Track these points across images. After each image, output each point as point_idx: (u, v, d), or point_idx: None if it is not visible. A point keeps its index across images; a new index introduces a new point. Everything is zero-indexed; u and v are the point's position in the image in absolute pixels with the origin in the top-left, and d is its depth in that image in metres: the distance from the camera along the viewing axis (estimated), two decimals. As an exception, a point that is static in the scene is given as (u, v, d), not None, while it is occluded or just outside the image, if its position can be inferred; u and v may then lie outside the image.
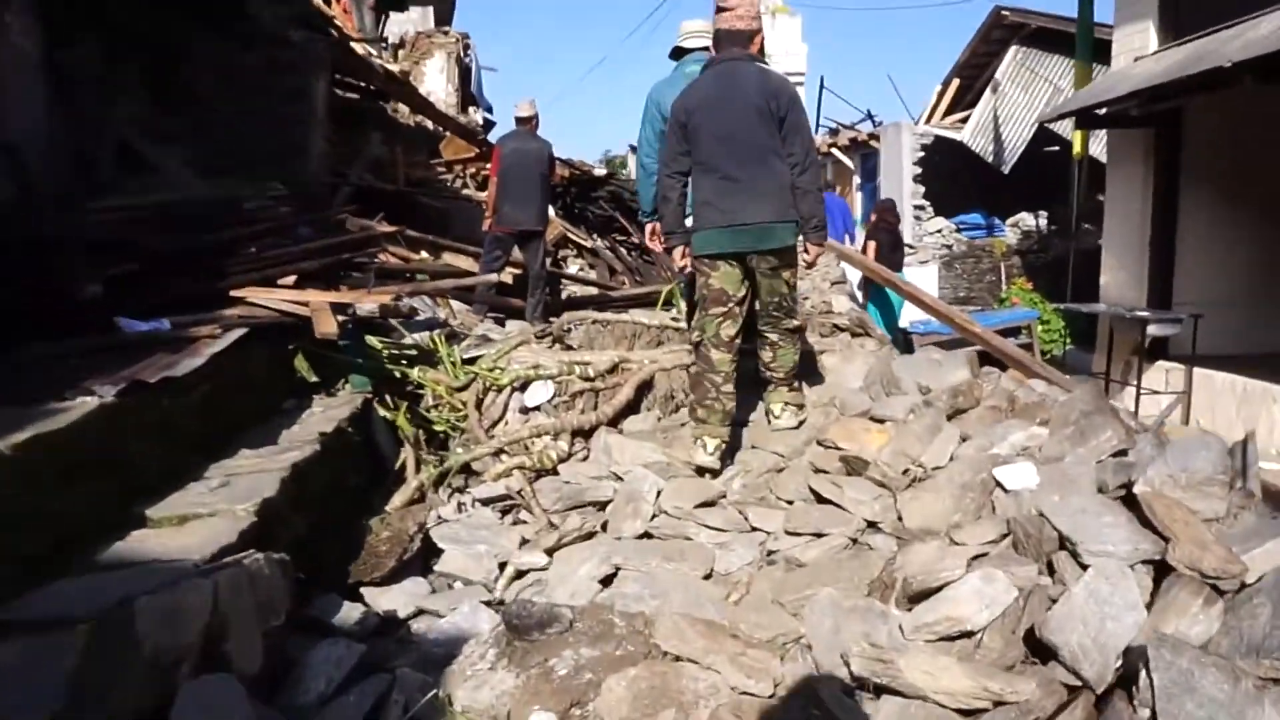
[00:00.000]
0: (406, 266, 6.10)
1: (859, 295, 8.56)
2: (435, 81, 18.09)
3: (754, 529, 2.91)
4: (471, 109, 19.58)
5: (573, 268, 12.29)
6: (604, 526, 3.31)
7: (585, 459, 4.18)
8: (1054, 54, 14.05)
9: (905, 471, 2.89)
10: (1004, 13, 13.85)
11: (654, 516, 3.22)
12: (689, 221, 3.70)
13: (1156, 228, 8.13)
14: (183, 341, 3.79)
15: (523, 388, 4.66)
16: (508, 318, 7.99)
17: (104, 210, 4.62)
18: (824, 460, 3.23)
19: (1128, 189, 8.48)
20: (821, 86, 20.68)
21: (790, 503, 3.03)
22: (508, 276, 8.05)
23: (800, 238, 3.66)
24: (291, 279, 4.57)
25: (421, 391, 4.86)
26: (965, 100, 15.95)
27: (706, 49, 4.24)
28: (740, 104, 3.47)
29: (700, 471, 3.55)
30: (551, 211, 12.65)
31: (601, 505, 3.66)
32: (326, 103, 7.81)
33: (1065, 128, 14.10)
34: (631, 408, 4.55)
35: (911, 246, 14.38)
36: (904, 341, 8.99)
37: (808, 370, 4.93)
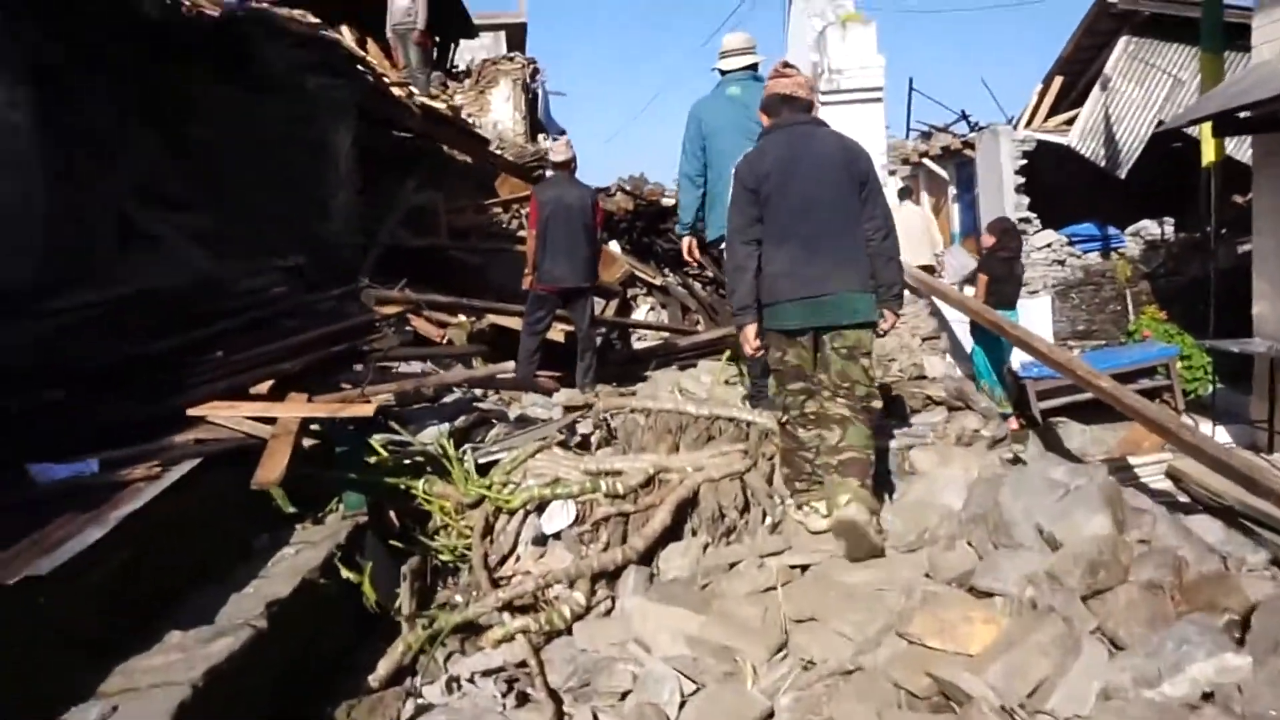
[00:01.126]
0: (429, 349, 5.38)
1: (958, 338, 7.43)
2: (502, 110, 17.64)
3: (806, 802, 2.02)
4: (541, 136, 19.08)
5: (642, 308, 11.51)
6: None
7: (609, 612, 3.34)
8: (1171, 42, 12.54)
9: (1030, 728, 1.94)
10: (1111, 1, 12.42)
11: (671, 752, 2.35)
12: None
13: (1322, 248, 6.78)
14: (110, 488, 3.14)
15: (539, 509, 3.85)
16: (560, 384, 7.26)
17: (52, 313, 4.04)
18: (906, 669, 2.30)
19: (1282, 202, 7.15)
20: (910, 88, 19.43)
21: (859, 755, 2.10)
22: (559, 335, 7.31)
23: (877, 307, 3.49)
24: (266, 385, 3.89)
25: (430, 509, 4.11)
26: (1069, 99, 14.50)
27: (748, 68, 4.56)
28: (821, 167, 3.35)
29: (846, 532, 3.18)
30: (617, 247, 11.94)
31: (620, 695, 2.82)
32: (353, 154, 7.23)
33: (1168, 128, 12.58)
34: (672, 531, 3.69)
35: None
36: (1015, 387, 7.81)
37: (890, 470, 3.99)
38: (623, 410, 4.64)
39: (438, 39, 19.30)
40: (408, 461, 4.33)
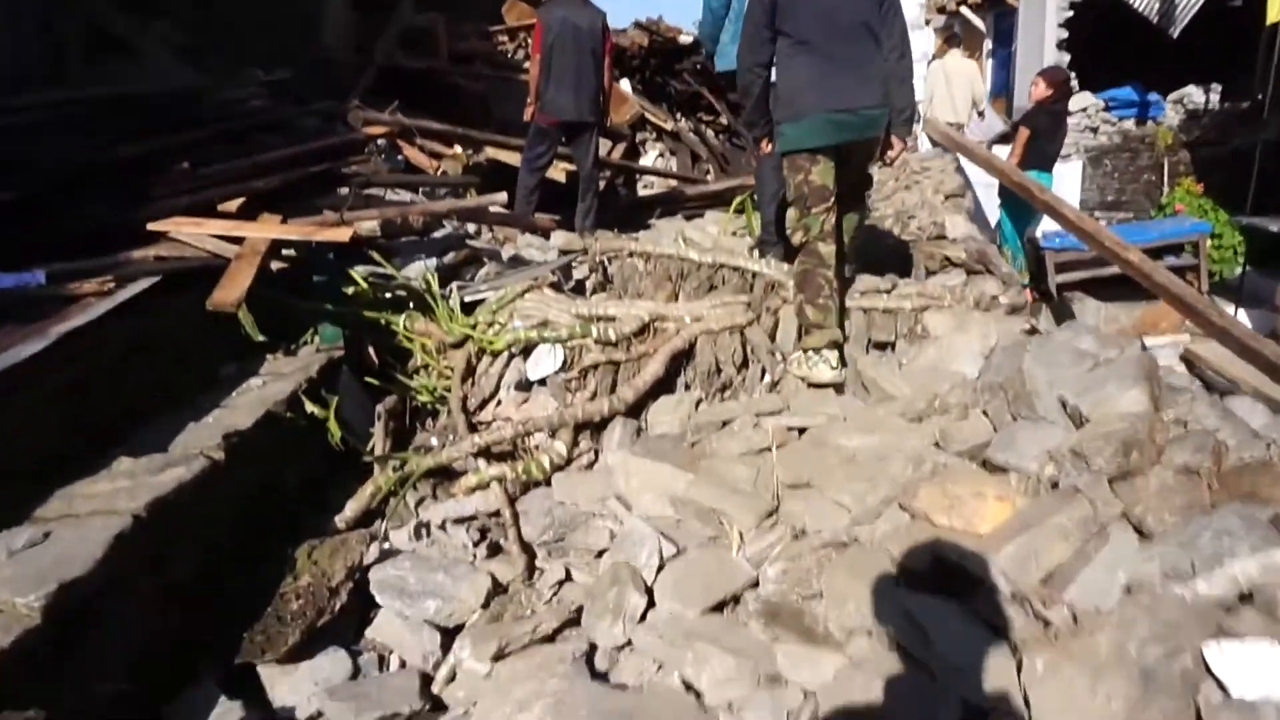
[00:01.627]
0: (418, 178, 5.00)
1: (981, 201, 6.99)
2: (516, -70, 16.36)
3: (786, 680, 1.85)
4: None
5: (651, 153, 10.94)
6: (579, 614, 2.30)
7: (591, 465, 3.15)
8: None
9: (1043, 620, 1.74)
10: None
11: (644, 614, 2.18)
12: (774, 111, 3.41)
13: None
14: (57, 302, 2.89)
15: (525, 352, 3.61)
16: (559, 226, 6.89)
17: (16, 110, 3.67)
18: (907, 545, 2.10)
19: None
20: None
21: (849, 635, 1.92)
22: (559, 174, 6.90)
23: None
24: (236, 203, 3.57)
25: (411, 347, 3.88)
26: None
27: None
28: None
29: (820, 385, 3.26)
30: (628, 86, 11.24)
31: (596, 553, 2.66)
32: None
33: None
34: (663, 384, 3.47)
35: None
36: (1033, 257, 7.45)
37: (901, 333, 3.74)
38: (621, 254, 4.33)
39: None
40: (389, 296, 4.08)
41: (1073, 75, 12.48)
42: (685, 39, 11.72)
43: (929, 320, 3.76)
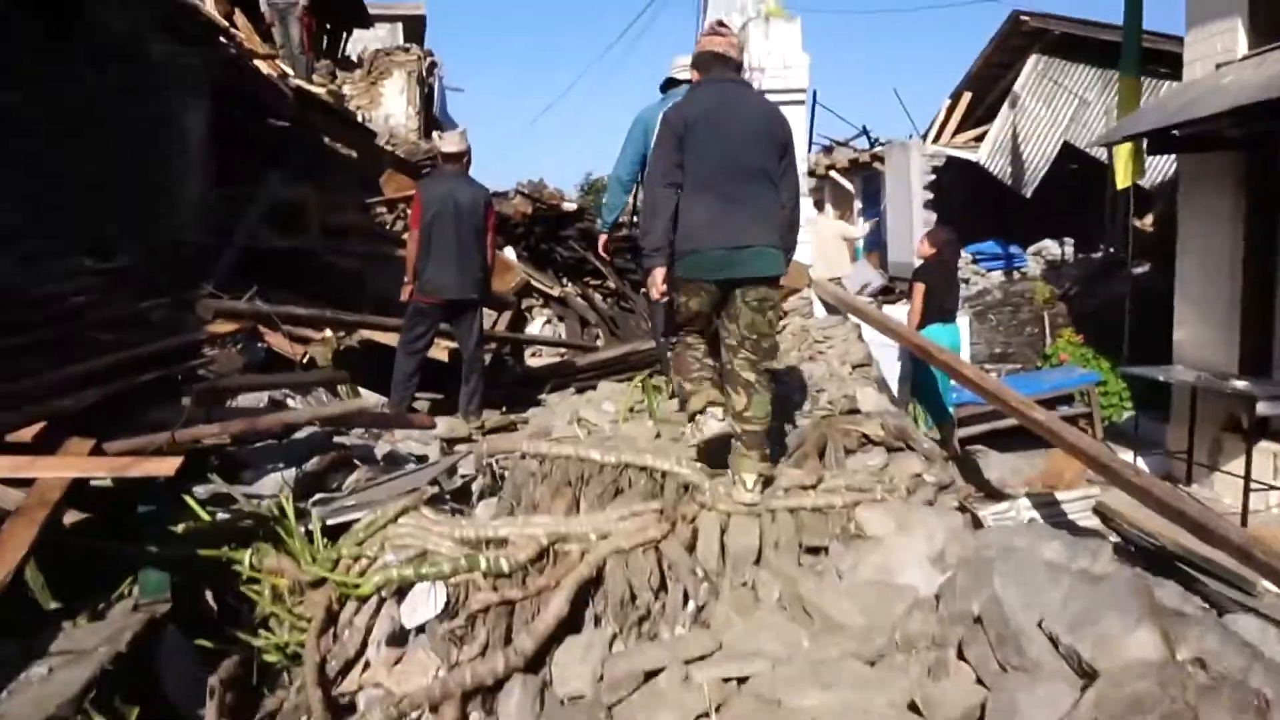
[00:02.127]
0: (276, 377, 4.41)
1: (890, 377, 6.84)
2: (395, 103, 16.51)
3: None
4: (435, 134, 17.93)
5: (538, 321, 10.65)
6: None
7: (485, 746, 2.51)
8: (1079, 63, 12.53)
9: None
10: (1023, 18, 12.32)
11: None
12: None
13: (1250, 274, 6.52)
14: None
15: (399, 593, 2.98)
16: (441, 408, 6.35)
17: None
18: None
19: (1211, 226, 6.88)
20: (814, 102, 19.15)
21: None
22: (442, 353, 6.42)
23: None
24: (33, 430, 2.90)
25: (257, 590, 3.18)
26: (975, 116, 14.42)
27: (687, 82, 4.16)
28: (745, 123, 3.39)
29: (714, 442, 3.49)
30: (512, 254, 11.05)
31: None
32: (207, 138, 6.16)
33: (1094, 145, 12.58)
34: (569, 622, 2.89)
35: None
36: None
37: (832, 532, 3.32)
38: (511, 454, 3.80)
39: (328, 25, 18.03)
40: (242, 523, 3.40)
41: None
42: (569, 206, 11.74)
43: (863, 517, 3.36)
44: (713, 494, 3.38)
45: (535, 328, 10.50)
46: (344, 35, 18.76)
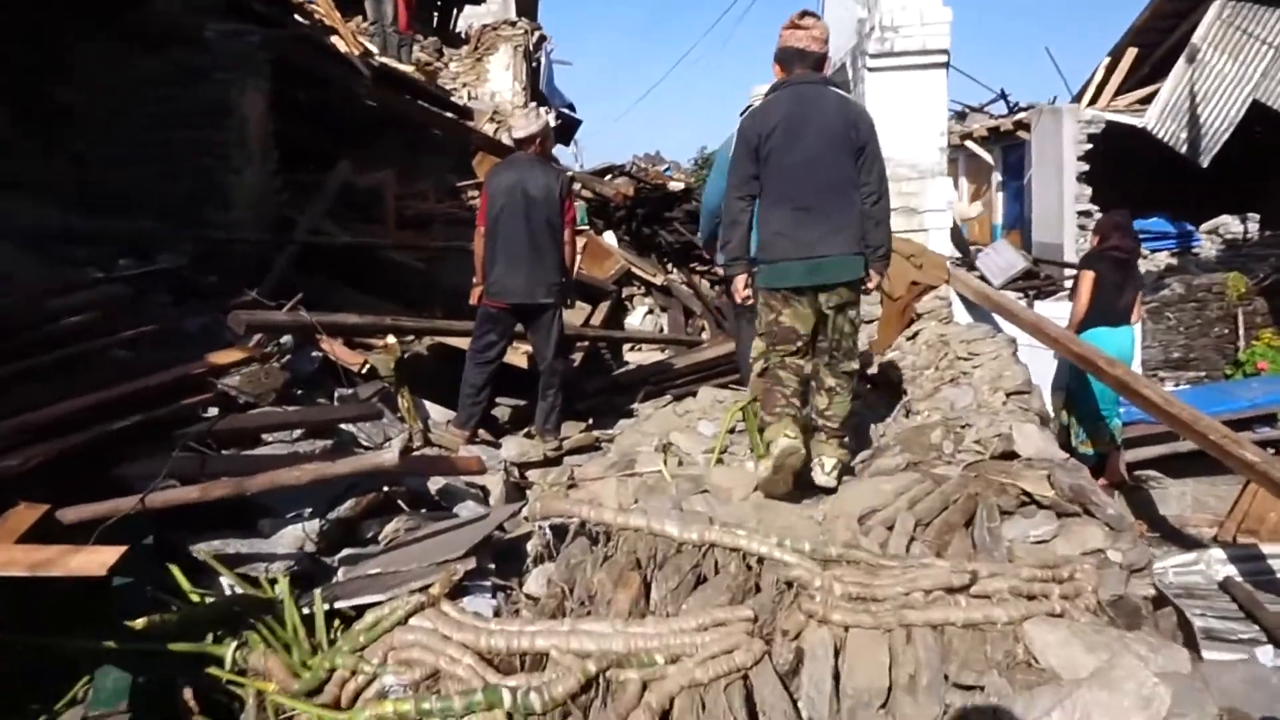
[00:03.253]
0: (294, 421, 3.75)
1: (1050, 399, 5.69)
2: (501, 80, 15.96)
3: None
4: (544, 109, 17.33)
5: (639, 311, 9.86)
6: None
7: None
8: (1276, 6, 10.68)
9: None
10: (1205, -42, 10.56)
11: None
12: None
13: None
14: None
15: (400, 731, 2.26)
16: (513, 425, 5.66)
17: None
18: None
19: None
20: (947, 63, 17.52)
21: None
22: (521, 359, 5.72)
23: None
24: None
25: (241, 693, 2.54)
26: (1137, 76, 12.65)
27: None
28: (821, 130, 3.37)
29: (786, 462, 3.33)
30: (612, 239, 10.29)
31: None
32: (268, 122, 5.61)
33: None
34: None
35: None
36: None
37: (993, 659, 2.40)
38: (569, 519, 3.02)
39: (438, 1, 17.68)
40: (230, 609, 2.76)
41: (1094, 209, 11.58)
42: (675, 185, 10.88)
43: (1035, 639, 2.42)
44: (824, 597, 2.51)
45: (636, 318, 9.73)
46: (455, 11, 18.38)
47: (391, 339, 5.25)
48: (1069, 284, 11.23)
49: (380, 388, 5.25)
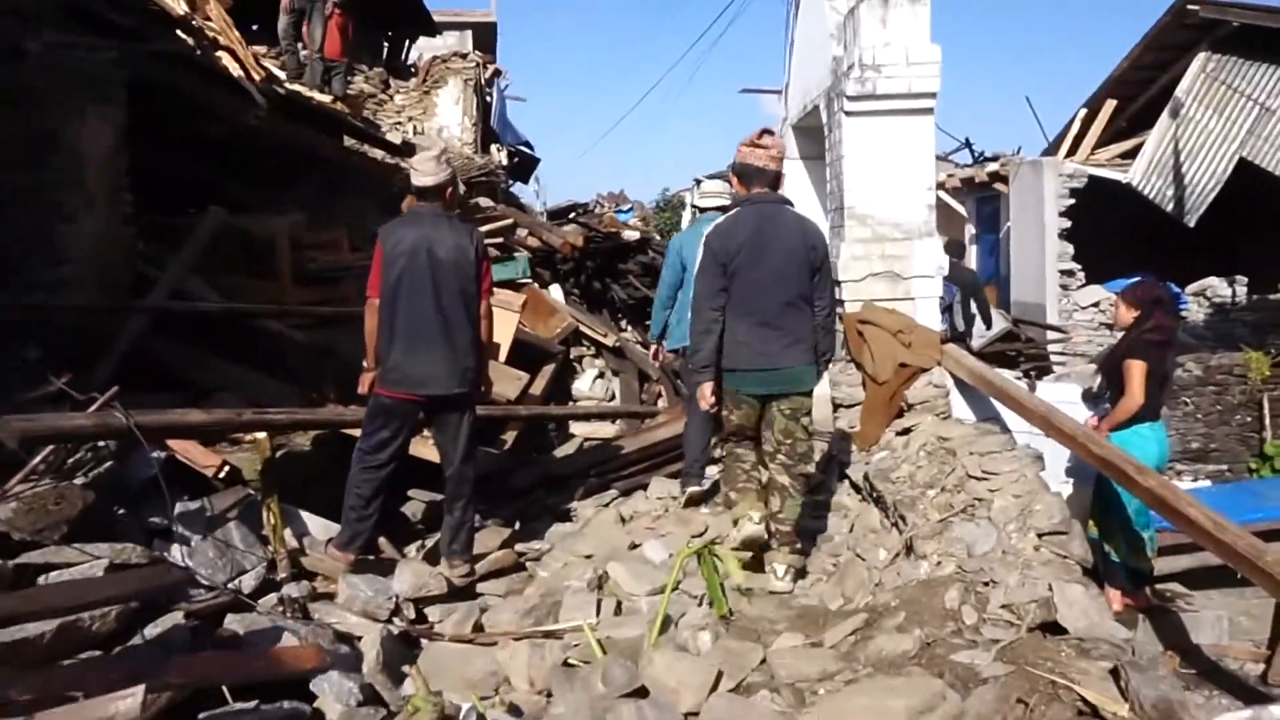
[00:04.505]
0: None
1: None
2: (450, 114, 15.01)
3: None
4: (495, 147, 16.40)
5: (588, 374, 8.83)
6: None
7: None
8: (1260, 61, 10.14)
9: None
10: (1191, 7, 9.99)
11: None
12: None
13: None
14: None
15: None
16: (427, 524, 4.61)
17: None
18: None
19: None
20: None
21: None
22: (433, 452, 4.66)
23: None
24: None
25: None
26: (1112, 129, 12.06)
27: (721, 209, 4.62)
28: (783, 252, 3.65)
29: (749, 544, 3.73)
30: (559, 293, 9.30)
31: None
32: (119, 157, 4.55)
33: (1274, 160, 10.20)
34: None
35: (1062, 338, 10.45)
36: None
37: None
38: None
39: (389, 32, 16.71)
40: None
41: (1076, 268, 10.90)
42: (630, 234, 9.94)
43: None
44: None
45: (585, 383, 8.69)
46: (407, 43, 17.43)
47: (261, 434, 4.17)
48: (1053, 350, 10.57)
49: (243, 496, 4.18)
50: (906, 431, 4.51)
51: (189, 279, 4.71)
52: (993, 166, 13.82)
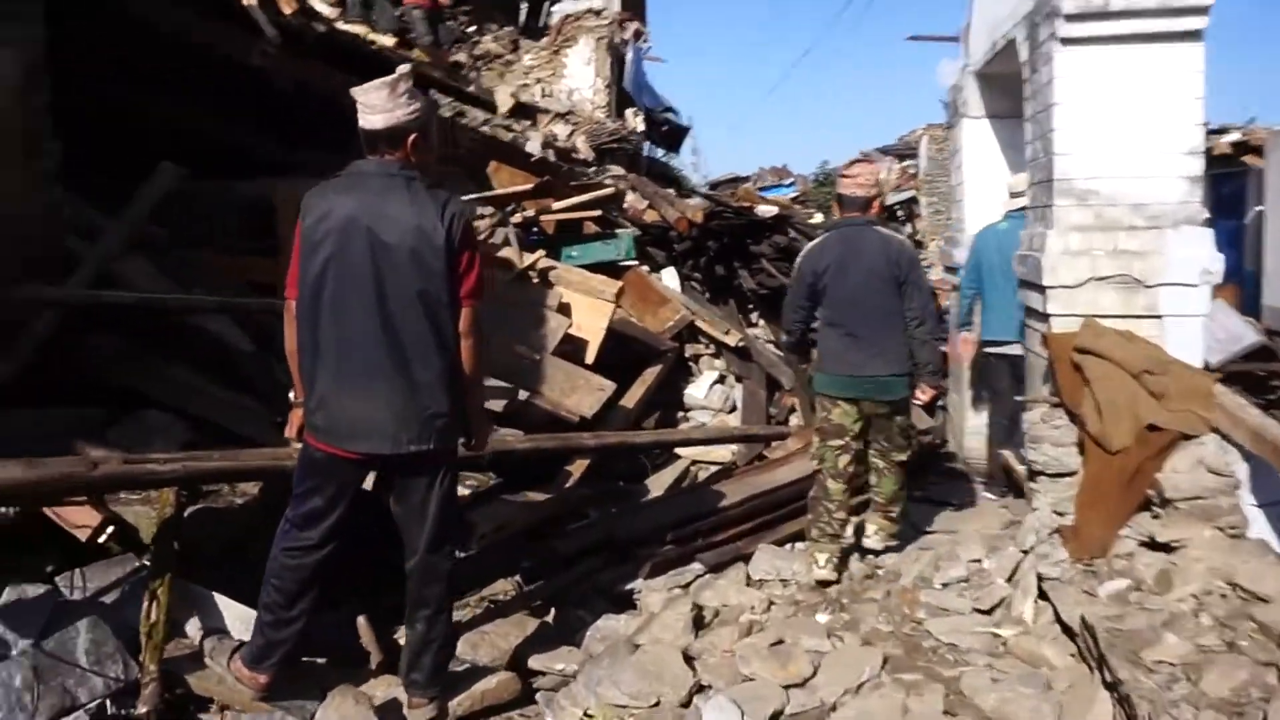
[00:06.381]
0: None
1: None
2: (581, 75, 13.66)
3: None
4: (630, 111, 14.91)
5: (706, 378, 7.23)
6: None
7: None
8: None
9: None
10: None
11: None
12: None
13: None
14: None
15: None
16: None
17: None
18: None
19: None
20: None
21: None
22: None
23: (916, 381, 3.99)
24: None
25: None
26: None
27: (1020, 210, 5.03)
28: (864, 270, 3.85)
29: (819, 584, 3.82)
30: (673, 279, 7.71)
31: None
32: (25, 98, 3.37)
33: None
34: None
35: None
36: None
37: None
38: None
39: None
40: None
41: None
42: (765, 210, 8.22)
43: None
44: None
45: (701, 389, 7.12)
46: (546, 4, 16.22)
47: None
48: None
49: (133, 569, 2.93)
50: (1160, 547, 2.70)
51: (128, 257, 3.50)
52: (1234, 135, 11.15)
